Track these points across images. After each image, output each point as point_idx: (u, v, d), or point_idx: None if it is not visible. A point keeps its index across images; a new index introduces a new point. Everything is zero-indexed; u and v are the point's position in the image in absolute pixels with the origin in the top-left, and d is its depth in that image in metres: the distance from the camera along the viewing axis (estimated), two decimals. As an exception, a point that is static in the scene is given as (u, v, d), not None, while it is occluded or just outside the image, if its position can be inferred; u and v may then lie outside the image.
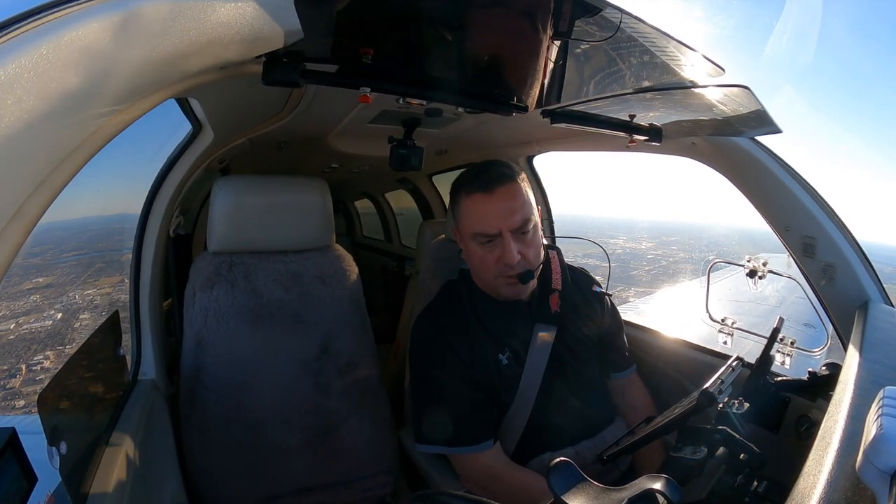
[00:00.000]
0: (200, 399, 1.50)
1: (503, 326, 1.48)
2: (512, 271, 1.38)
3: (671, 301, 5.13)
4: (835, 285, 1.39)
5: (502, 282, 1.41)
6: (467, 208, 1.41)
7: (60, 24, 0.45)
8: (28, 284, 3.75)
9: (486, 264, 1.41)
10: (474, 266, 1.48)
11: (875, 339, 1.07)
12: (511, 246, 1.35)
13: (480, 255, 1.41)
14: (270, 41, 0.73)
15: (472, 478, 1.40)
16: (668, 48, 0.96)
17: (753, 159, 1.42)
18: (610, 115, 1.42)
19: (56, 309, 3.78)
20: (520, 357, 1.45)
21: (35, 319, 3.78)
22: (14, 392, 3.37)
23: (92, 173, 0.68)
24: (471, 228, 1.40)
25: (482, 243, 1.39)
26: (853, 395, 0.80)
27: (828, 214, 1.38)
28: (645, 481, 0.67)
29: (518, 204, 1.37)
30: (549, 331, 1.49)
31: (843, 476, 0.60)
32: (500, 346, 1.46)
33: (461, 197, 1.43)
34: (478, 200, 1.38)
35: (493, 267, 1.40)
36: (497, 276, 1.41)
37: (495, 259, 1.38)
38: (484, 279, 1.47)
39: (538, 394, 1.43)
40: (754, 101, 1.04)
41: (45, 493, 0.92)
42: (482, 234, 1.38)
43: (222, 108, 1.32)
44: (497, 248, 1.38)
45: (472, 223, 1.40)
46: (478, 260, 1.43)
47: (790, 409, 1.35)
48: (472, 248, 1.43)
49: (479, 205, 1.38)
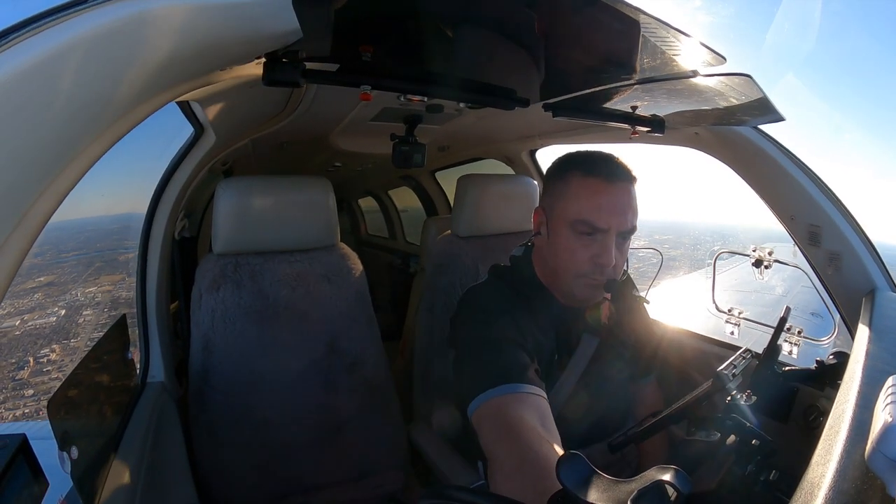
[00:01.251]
0: (209, 400, 1.51)
1: (560, 331, 1.37)
2: (601, 275, 1.24)
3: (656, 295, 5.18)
4: (841, 274, 1.38)
5: (584, 282, 1.26)
6: (579, 190, 1.24)
7: (63, 30, 0.45)
8: (31, 283, 3.84)
9: (575, 258, 1.25)
10: (558, 256, 1.29)
11: (882, 327, 1.07)
12: (613, 247, 1.22)
13: (573, 247, 1.25)
14: (269, 42, 0.73)
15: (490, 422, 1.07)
16: (668, 38, 0.95)
17: (757, 148, 1.41)
18: (612, 107, 1.42)
19: (60, 306, 3.84)
20: (564, 363, 1.36)
21: (39, 316, 3.87)
22: (23, 382, 3.47)
23: (95, 178, 0.69)
24: (575, 214, 1.23)
25: (581, 233, 1.23)
26: (861, 384, 0.79)
27: (833, 203, 1.37)
28: (654, 472, 0.67)
29: (633, 206, 1.24)
30: (593, 342, 1.39)
31: (853, 465, 0.59)
32: (554, 348, 1.35)
33: (573, 176, 1.25)
34: (596, 186, 1.22)
35: (583, 264, 1.24)
36: (580, 276, 1.26)
37: (589, 256, 1.23)
38: (562, 274, 1.30)
39: (564, 402, 1.36)
40: (756, 89, 1.04)
41: (56, 498, 0.93)
42: (588, 223, 1.21)
43: (223, 110, 1.32)
44: (595, 245, 1.23)
45: (579, 209, 1.23)
46: (566, 251, 1.26)
47: (798, 398, 1.34)
48: (564, 236, 1.26)
49: (597, 192, 1.22)
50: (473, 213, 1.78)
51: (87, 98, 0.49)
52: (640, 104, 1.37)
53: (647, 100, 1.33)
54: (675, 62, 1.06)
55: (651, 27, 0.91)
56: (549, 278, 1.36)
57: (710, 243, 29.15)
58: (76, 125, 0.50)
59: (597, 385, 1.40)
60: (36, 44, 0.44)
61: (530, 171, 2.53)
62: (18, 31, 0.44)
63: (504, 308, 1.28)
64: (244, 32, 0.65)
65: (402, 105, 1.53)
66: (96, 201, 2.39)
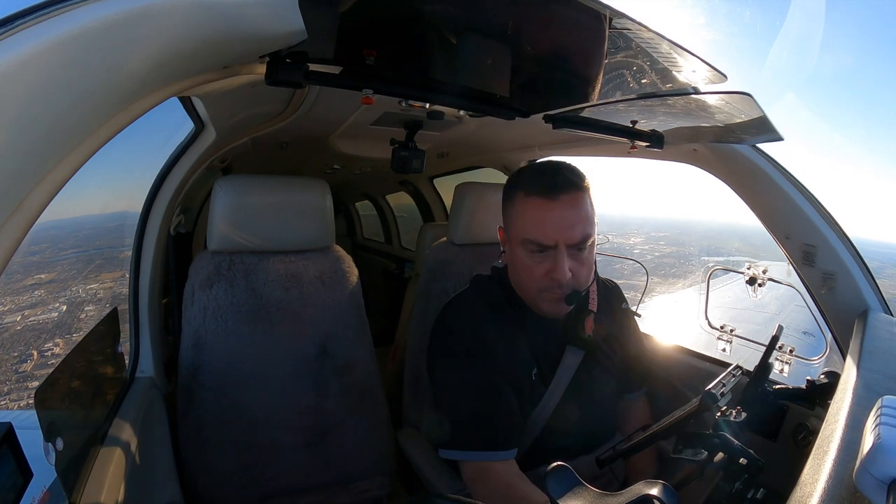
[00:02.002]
0: (197, 398, 1.50)
1: (538, 342, 1.38)
2: (559, 289, 1.25)
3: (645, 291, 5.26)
4: (834, 294, 1.39)
5: (545, 297, 1.29)
6: (523, 211, 1.28)
7: (65, 21, 0.45)
8: (30, 280, 3.88)
9: (531, 276, 1.28)
10: (517, 274, 1.34)
11: (874, 349, 1.07)
12: (564, 262, 1.22)
13: (528, 264, 1.28)
14: (274, 41, 0.73)
15: (483, 484, 1.23)
16: (670, 54, 0.96)
17: (755, 167, 1.42)
18: (612, 121, 1.42)
19: (60, 301, 3.87)
20: (546, 378, 1.37)
21: (41, 312, 3.94)
22: (26, 375, 3.57)
23: (95, 171, 0.69)
24: (523, 234, 1.27)
25: (532, 252, 1.27)
26: (851, 404, 0.80)
27: (828, 223, 1.38)
28: (642, 487, 0.67)
29: (581, 216, 1.24)
30: (578, 354, 1.40)
31: (841, 485, 0.60)
32: (533, 359, 1.36)
33: (518, 196, 1.30)
34: (537, 205, 1.25)
35: (540, 280, 1.27)
36: (541, 291, 1.29)
37: (543, 272, 1.26)
38: (526, 290, 1.34)
39: (551, 415, 1.36)
40: (756, 108, 1.05)
41: (40, 489, 0.92)
42: (535, 242, 1.25)
43: (225, 108, 1.32)
44: (548, 261, 1.25)
45: (525, 228, 1.27)
46: (523, 269, 1.30)
47: (788, 417, 1.35)
48: (519, 255, 1.30)
49: (538, 210, 1.25)
50: (470, 220, 1.79)
51: (88, 89, 0.49)
52: (639, 119, 1.38)
53: (646, 115, 1.34)
54: (676, 78, 1.07)
55: (654, 43, 0.92)
56: (521, 293, 1.37)
57: (703, 240, 29.67)
58: (76, 115, 0.50)
59: (584, 398, 1.40)
60: (40, 32, 0.44)
61: None
62: (24, 17, 0.44)
63: (483, 331, 1.32)
64: (249, 31, 0.66)
65: (403, 110, 1.53)
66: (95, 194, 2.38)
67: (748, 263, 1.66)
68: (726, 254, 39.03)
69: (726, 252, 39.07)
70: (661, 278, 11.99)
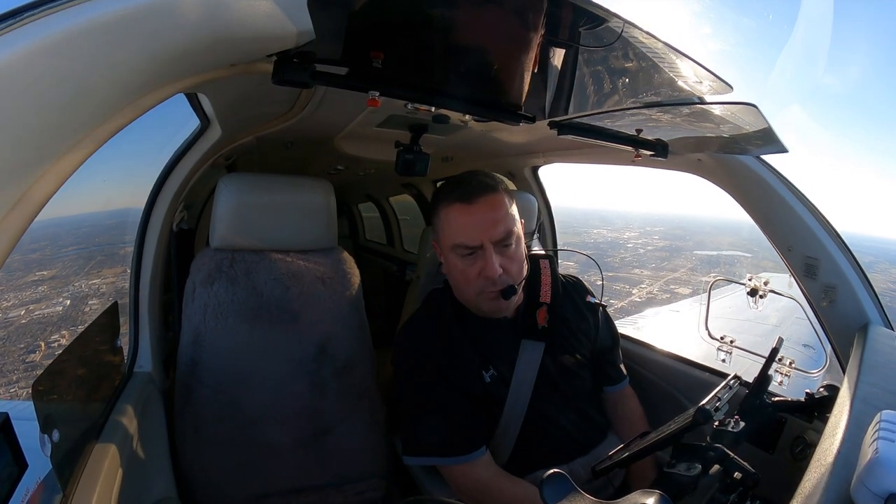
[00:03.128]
0: (195, 394, 1.50)
1: (487, 343, 1.45)
2: (494, 286, 1.35)
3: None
4: (835, 307, 1.39)
5: (484, 297, 1.38)
6: (447, 219, 1.38)
7: (74, 14, 0.46)
8: (31, 277, 3.96)
9: (467, 278, 1.38)
10: (455, 280, 1.45)
11: (874, 363, 1.07)
12: (493, 259, 1.32)
13: (461, 268, 1.38)
14: (282, 41, 0.73)
15: (464, 489, 1.35)
16: (676, 64, 0.96)
17: (759, 178, 1.42)
18: (616, 129, 1.43)
19: (64, 296, 3.95)
20: (504, 376, 1.42)
21: (46, 306, 4.14)
22: (35, 364, 3.80)
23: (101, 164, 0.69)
24: (451, 240, 1.37)
25: (462, 255, 1.36)
26: (850, 418, 0.80)
27: (831, 236, 1.38)
28: (638, 496, 0.67)
29: (500, 215, 1.35)
30: (537, 347, 1.46)
31: (837, 499, 0.59)
32: (484, 363, 1.43)
33: (441, 207, 1.40)
34: (458, 211, 1.35)
35: (475, 281, 1.36)
36: (479, 292, 1.38)
37: (476, 272, 1.35)
38: (465, 294, 1.43)
39: (528, 410, 1.41)
40: (761, 119, 1.05)
41: (34, 480, 0.92)
42: (462, 245, 1.35)
43: (231, 105, 1.32)
44: (478, 262, 1.35)
45: (452, 235, 1.37)
46: (458, 274, 1.40)
47: (786, 429, 1.34)
48: (452, 262, 1.40)
49: (460, 216, 1.35)
50: None
51: (95, 82, 0.49)
52: (644, 128, 1.38)
53: (652, 124, 1.34)
54: (682, 88, 1.07)
55: (661, 53, 0.92)
56: (463, 298, 1.47)
57: (697, 235, 30.44)
58: (82, 109, 0.50)
59: (560, 393, 1.46)
60: (47, 24, 0.44)
61: (531, 187, 2.53)
62: (32, 10, 0.45)
63: (430, 350, 1.42)
64: (257, 30, 0.66)
65: (409, 113, 1.53)
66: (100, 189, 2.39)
67: (749, 275, 1.66)
68: (716, 248, 39.53)
69: (716, 246, 39.54)
70: (651, 271, 12.08)
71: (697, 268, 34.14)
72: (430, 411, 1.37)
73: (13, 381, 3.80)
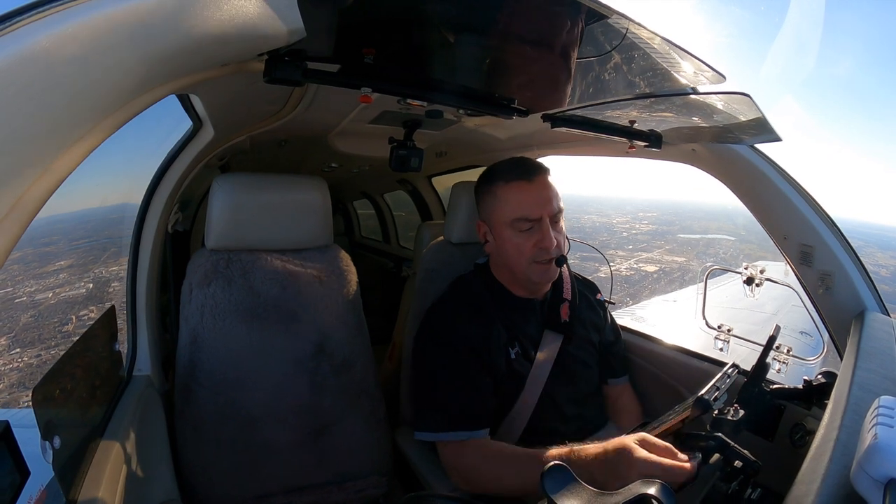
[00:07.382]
0: (194, 396, 1.49)
1: (516, 323, 1.54)
2: (548, 255, 1.45)
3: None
4: (832, 294, 1.39)
5: (536, 267, 1.48)
6: (507, 195, 1.48)
7: (65, 17, 0.45)
8: (51, 266, 4.77)
9: (522, 251, 1.47)
10: (508, 254, 1.52)
11: (871, 349, 1.07)
12: (550, 230, 1.44)
13: (517, 242, 1.47)
14: (273, 39, 0.73)
15: (461, 458, 1.39)
16: (669, 54, 0.96)
17: (753, 167, 1.42)
18: (610, 121, 1.43)
19: (85, 281, 4.60)
20: (529, 354, 1.51)
21: (70, 289, 4.79)
22: (69, 333, 4.37)
23: (94, 166, 0.68)
24: (511, 214, 1.47)
25: (521, 230, 1.46)
26: (848, 405, 0.80)
27: (826, 223, 1.39)
28: (639, 486, 0.67)
29: (553, 193, 1.47)
30: (557, 338, 1.56)
31: (837, 484, 0.60)
32: (510, 339, 1.51)
33: (498, 186, 1.50)
34: (520, 187, 1.46)
35: (530, 252, 1.46)
36: (532, 262, 1.47)
37: (532, 244, 1.45)
38: (517, 266, 1.51)
39: (539, 398, 1.48)
40: (755, 108, 1.05)
41: (37, 488, 0.92)
42: (524, 219, 1.45)
43: (223, 105, 1.32)
44: (535, 234, 1.45)
45: (512, 209, 1.46)
46: (513, 247, 1.48)
47: (785, 417, 1.35)
48: (507, 236, 1.49)
49: (521, 192, 1.46)
50: (466, 219, 1.79)
51: (87, 85, 0.49)
52: (638, 119, 1.38)
53: (645, 115, 1.34)
54: (675, 78, 1.07)
55: (653, 43, 0.92)
56: (508, 277, 1.59)
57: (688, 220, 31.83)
58: (75, 112, 0.50)
59: (571, 381, 1.55)
60: (39, 28, 0.44)
61: None
62: (22, 14, 0.44)
63: (460, 328, 1.49)
64: (248, 29, 0.65)
65: (402, 109, 1.53)
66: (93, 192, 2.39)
67: (745, 264, 1.66)
68: (702, 232, 40.20)
69: (703, 231, 40.13)
70: (627, 252, 12.37)
71: (675, 250, 35.43)
72: (449, 384, 1.44)
73: (52, 346, 4.39)
